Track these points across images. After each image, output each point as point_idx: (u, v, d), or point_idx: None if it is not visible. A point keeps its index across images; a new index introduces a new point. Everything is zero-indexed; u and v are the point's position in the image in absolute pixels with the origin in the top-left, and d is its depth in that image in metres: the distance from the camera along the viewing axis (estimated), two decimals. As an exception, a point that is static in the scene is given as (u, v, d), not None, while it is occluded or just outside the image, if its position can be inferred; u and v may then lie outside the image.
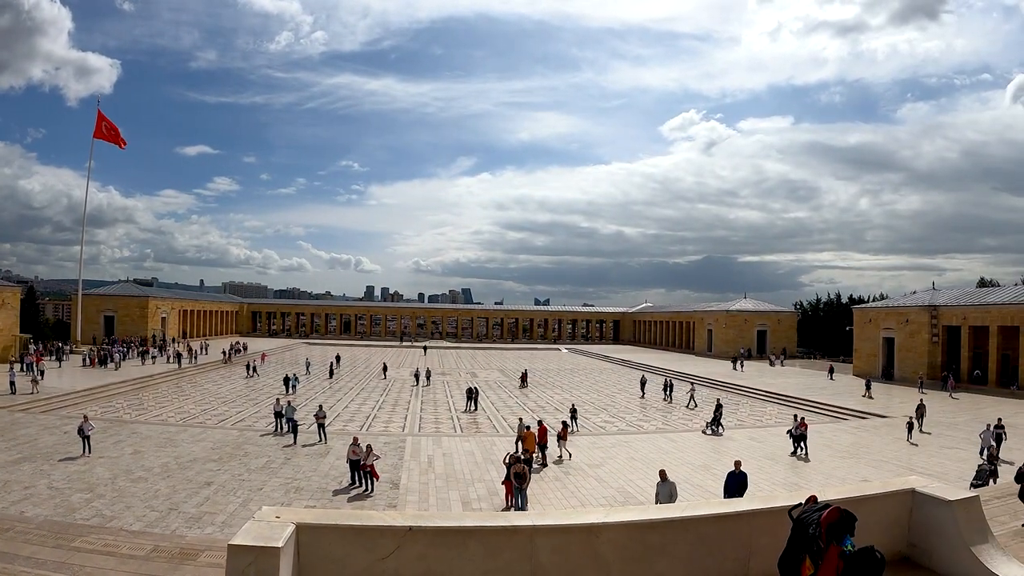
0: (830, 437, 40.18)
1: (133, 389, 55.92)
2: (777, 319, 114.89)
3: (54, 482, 26.10)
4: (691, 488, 27.63)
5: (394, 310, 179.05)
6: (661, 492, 21.85)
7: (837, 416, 49.01)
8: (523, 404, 54.63)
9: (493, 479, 28.89)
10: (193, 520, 22.22)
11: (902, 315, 74.73)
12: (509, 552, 7.83)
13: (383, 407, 51.37)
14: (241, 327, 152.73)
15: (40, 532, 16.71)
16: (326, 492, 26.79)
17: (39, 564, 13.47)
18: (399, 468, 30.77)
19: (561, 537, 8.06)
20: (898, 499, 9.47)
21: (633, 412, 51.31)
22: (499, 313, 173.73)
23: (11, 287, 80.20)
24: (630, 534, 8.15)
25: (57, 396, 47.67)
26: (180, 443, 34.31)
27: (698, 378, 73.14)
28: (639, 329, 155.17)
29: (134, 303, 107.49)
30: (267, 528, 7.17)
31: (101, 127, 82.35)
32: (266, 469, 29.87)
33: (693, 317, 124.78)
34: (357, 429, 39.60)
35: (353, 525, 7.92)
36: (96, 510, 22.82)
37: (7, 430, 35.62)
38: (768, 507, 8.68)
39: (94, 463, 29.51)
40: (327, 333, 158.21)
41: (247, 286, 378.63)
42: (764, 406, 54.78)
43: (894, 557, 8.75)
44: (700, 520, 8.53)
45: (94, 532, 17.30)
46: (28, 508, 22.45)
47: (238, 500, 24.76)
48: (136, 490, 25.49)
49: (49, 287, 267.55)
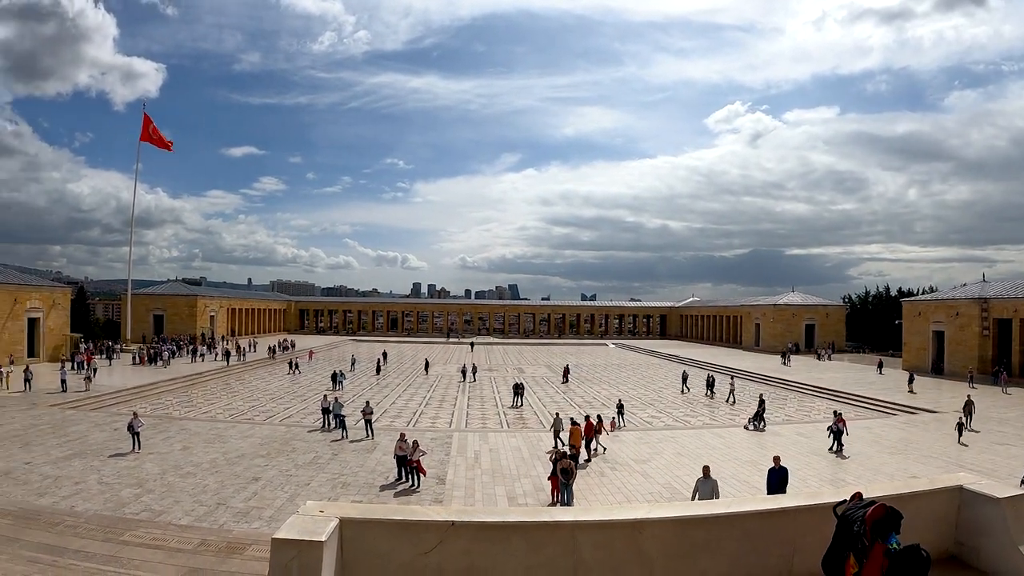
0: (878, 433, 39.42)
1: (182, 386, 56.65)
2: (825, 313, 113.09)
3: (104, 477, 26.40)
4: (738, 484, 27.35)
5: (441, 307, 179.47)
6: (702, 489, 21.34)
7: (886, 411, 48.03)
8: (570, 400, 54.29)
9: (539, 475, 28.70)
10: (241, 515, 22.34)
11: (951, 308, 73.15)
12: (552, 547, 7.81)
13: (430, 403, 51.43)
14: (289, 325, 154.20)
15: (89, 526, 16.94)
16: (373, 487, 26.78)
17: (88, 557, 13.66)
18: (445, 464, 30.77)
19: (604, 533, 8.04)
20: (946, 496, 9.29)
21: (680, 407, 50.79)
22: (546, 308, 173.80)
23: (62, 288, 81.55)
24: (673, 530, 8.08)
25: (107, 394, 48.37)
26: (228, 439, 34.66)
27: (749, 373, 72.70)
28: (686, 324, 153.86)
29: (183, 302, 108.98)
30: (311, 522, 7.19)
31: (148, 131, 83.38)
32: (313, 464, 30.00)
33: (740, 311, 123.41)
34: (404, 425, 39.76)
35: (396, 520, 7.94)
36: (145, 505, 23.00)
37: (59, 427, 36.18)
38: (813, 504, 8.59)
39: (144, 459, 29.87)
40: (374, 330, 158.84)
41: (295, 284, 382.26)
42: (812, 401, 53.88)
43: (940, 555, 8.59)
44: (744, 516, 8.46)
45: (143, 526, 17.51)
46: (79, 503, 22.67)
47: (285, 495, 24.84)
48: (185, 485, 25.72)
49: (99, 287, 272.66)
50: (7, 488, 24.21)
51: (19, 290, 68.64)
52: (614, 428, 39.46)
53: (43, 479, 25.74)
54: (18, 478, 25.72)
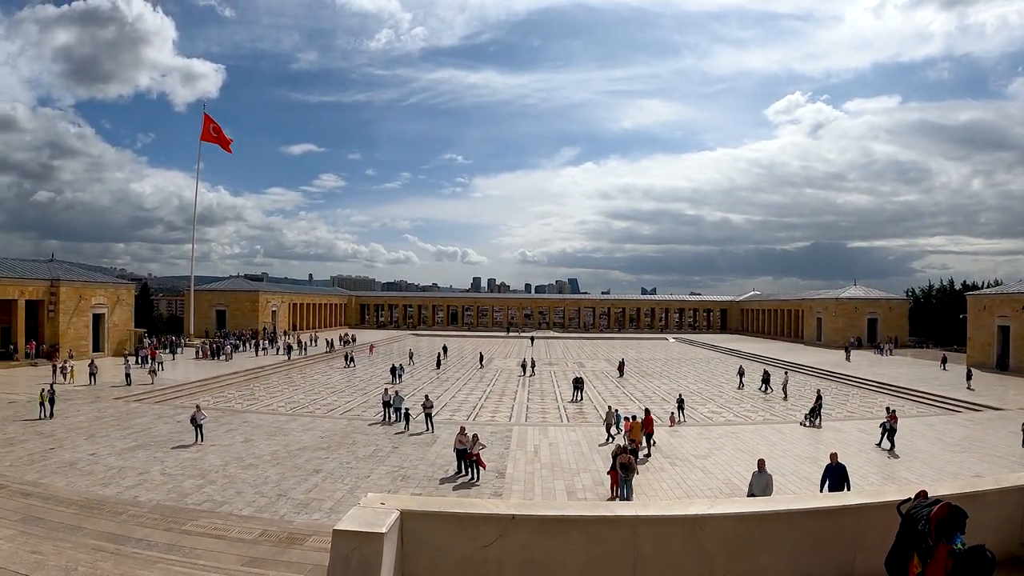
0: (941, 430, 38.18)
1: (244, 380, 57.34)
2: (888, 307, 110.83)
3: (167, 468, 26.70)
4: (798, 480, 26.83)
5: (500, 301, 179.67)
6: (756, 484, 20.87)
7: (949, 408, 46.49)
8: (630, 395, 53.80)
9: (599, 469, 28.46)
10: (301, 506, 22.39)
11: (1017, 302, 70.88)
12: (611, 542, 7.68)
13: (490, 397, 51.42)
14: (350, 319, 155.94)
15: (152, 516, 17.02)
16: (432, 480, 26.71)
17: (150, 546, 13.69)
18: (505, 457, 30.57)
19: (664, 528, 7.93)
20: (1012, 496, 8.91)
21: (740, 402, 49.95)
22: (605, 303, 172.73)
23: (126, 284, 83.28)
24: (734, 527, 7.91)
25: (171, 387, 49.10)
26: (290, 432, 34.86)
27: (811, 368, 71.48)
28: (747, 318, 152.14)
29: (245, 297, 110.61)
30: (372, 514, 7.13)
31: (208, 130, 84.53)
32: (373, 457, 30.01)
33: (802, 305, 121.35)
34: (464, 419, 39.60)
35: (457, 513, 7.84)
36: (207, 495, 23.15)
37: (123, 419, 36.73)
38: (877, 502, 8.32)
39: (206, 451, 30.18)
40: (434, 325, 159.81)
41: (355, 279, 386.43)
42: (875, 397, 52.56)
43: (1005, 557, 8.20)
44: (806, 514, 8.28)
45: (204, 516, 17.55)
46: (141, 493, 22.88)
47: (345, 487, 24.84)
48: (246, 477, 25.90)
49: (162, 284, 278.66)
50: (72, 478, 24.56)
51: (84, 287, 70.17)
52: (674, 423, 39.02)
53: (107, 470, 26.08)
54: (83, 468, 26.08)
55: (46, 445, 29.92)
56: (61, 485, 22.69)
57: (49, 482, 22.98)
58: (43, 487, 20.66)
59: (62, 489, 21.19)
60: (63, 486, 22.47)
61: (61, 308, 65.76)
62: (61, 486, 22.32)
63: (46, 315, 65.40)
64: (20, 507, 15.83)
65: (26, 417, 36.31)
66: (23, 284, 62.53)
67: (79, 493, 20.97)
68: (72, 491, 21.24)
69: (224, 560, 12.59)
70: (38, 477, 23.99)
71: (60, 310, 65.68)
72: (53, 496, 18.47)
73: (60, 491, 20.25)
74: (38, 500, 17.20)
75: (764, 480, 20.76)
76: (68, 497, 18.73)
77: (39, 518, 14.77)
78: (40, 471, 25.28)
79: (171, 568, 10.96)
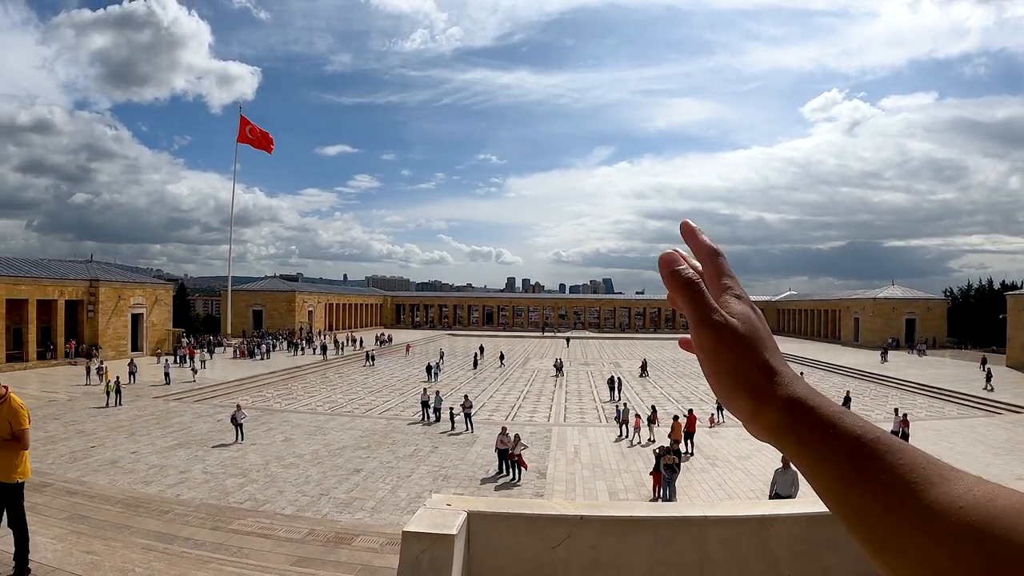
0: (983, 432, 37.48)
1: (282, 379, 57.36)
2: (927, 307, 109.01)
3: (208, 467, 26.79)
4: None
5: (535, 301, 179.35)
6: (780, 481, 20.44)
7: (991, 410, 45.69)
8: (667, 394, 53.27)
9: (639, 470, 28.25)
10: (343, 505, 22.34)
11: (1057, 302, 69.80)
12: (679, 543, 7.37)
13: (527, 397, 51.10)
14: (385, 319, 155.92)
15: (198, 514, 16.93)
16: (474, 480, 26.59)
17: (198, 545, 13.57)
18: (545, 458, 30.32)
19: (732, 529, 7.57)
20: None
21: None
22: (641, 303, 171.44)
23: (164, 284, 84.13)
24: (800, 527, 7.56)
25: (209, 386, 49.23)
26: (329, 431, 34.84)
27: (847, 368, 70.56)
28: (783, 318, 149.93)
29: (281, 297, 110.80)
30: (440, 515, 6.91)
31: (244, 131, 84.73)
32: (414, 457, 29.88)
33: (839, 305, 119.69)
34: (502, 419, 39.25)
35: (524, 513, 7.61)
36: (249, 494, 23.18)
37: (163, 418, 36.90)
38: None
39: (247, 449, 30.25)
40: (469, 324, 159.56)
41: (390, 279, 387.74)
42: (913, 398, 51.84)
43: None
44: None
45: (250, 515, 17.46)
46: (184, 491, 22.96)
47: (387, 487, 24.75)
48: (288, 475, 25.91)
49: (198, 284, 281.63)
50: (115, 476, 24.69)
51: (123, 287, 70.83)
52: (714, 424, 38.70)
53: (149, 468, 26.22)
54: (125, 467, 26.23)
55: (87, 443, 30.12)
56: (104, 483, 22.70)
57: (92, 480, 23.00)
58: (87, 485, 20.64)
59: (106, 488, 21.17)
60: (106, 484, 22.48)
61: (100, 308, 66.39)
62: (104, 484, 22.32)
63: (85, 315, 66.01)
64: (66, 505, 15.77)
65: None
66: (63, 284, 63.14)
67: (123, 491, 20.95)
68: (115, 489, 21.22)
69: (273, 560, 12.45)
70: (80, 475, 24.08)
71: (99, 310, 66.31)
72: (98, 494, 18.42)
73: (104, 489, 20.22)
74: (83, 498, 17.14)
75: (789, 478, 20.20)
76: (112, 496, 18.68)
77: (86, 516, 14.69)
78: (82, 469, 25.46)
79: (223, 568, 10.82)
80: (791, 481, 20.10)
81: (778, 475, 20.79)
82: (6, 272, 57.52)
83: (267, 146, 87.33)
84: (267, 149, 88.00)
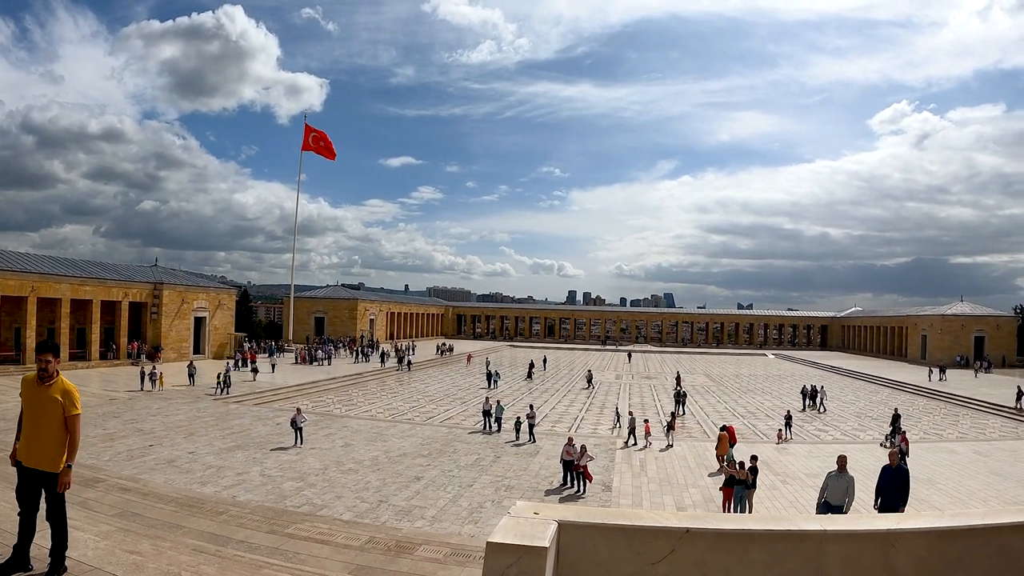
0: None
1: (342, 386, 57.30)
2: (996, 324, 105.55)
3: (266, 470, 26.50)
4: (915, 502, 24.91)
5: (596, 314, 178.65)
6: (833, 486, 18.69)
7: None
8: (732, 409, 51.88)
9: (707, 484, 27.59)
10: (403, 513, 21.77)
11: None
12: (794, 560, 6.49)
13: (591, 409, 50.22)
14: (446, 329, 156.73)
15: (254, 517, 16.17)
16: (537, 491, 25.84)
17: (252, 548, 12.76)
18: (610, 470, 29.62)
19: (853, 545, 6.72)
20: None
21: (848, 420, 47.78)
22: (703, 317, 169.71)
23: (227, 289, 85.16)
24: (927, 543, 6.67)
25: (269, 390, 49.31)
26: (389, 438, 34.45)
27: (906, 385, 69.13)
28: (848, 335, 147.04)
29: (344, 305, 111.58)
30: (528, 525, 6.05)
31: (308, 139, 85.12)
32: (475, 466, 29.22)
33: (906, 322, 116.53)
34: (565, 430, 38.60)
35: (621, 525, 6.67)
36: (307, 498, 22.80)
37: (222, 420, 36.84)
38: None
39: (305, 454, 29.90)
40: (530, 336, 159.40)
41: (451, 290, 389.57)
42: (985, 418, 50.01)
43: None
44: (1003, 529, 6.93)
45: (307, 520, 16.68)
46: (240, 493, 22.65)
47: (448, 495, 24.09)
48: (346, 481, 25.46)
49: (260, 291, 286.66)
50: (171, 475, 24.49)
51: (187, 290, 71.90)
52: (782, 440, 37.92)
53: (206, 468, 26.03)
54: (181, 466, 26.05)
55: (145, 442, 30.10)
56: (159, 482, 22.30)
57: (148, 478, 22.65)
58: (142, 483, 20.18)
59: (160, 486, 20.71)
60: (161, 483, 22.07)
61: (164, 310, 67.33)
62: (159, 483, 21.90)
63: (149, 317, 66.96)
64: (118, 502, 15.21)
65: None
66: (127, 286, 63.98)
67: (177, 491, 20.47)
68: (170, 488, 20.76)
69: (330, 567, 11.65)
70: (136, 473, 23.90)
71: (163, 312, 67.25)
72: (152, 492, 17.88)
73: (158, 488, 19.72)
74: (136, 496, 16.59)
75: (844, 483, 18.59)
76: (167, 494, 18.14)
77: (137, 514, 14.07)
78: (139, 467, 25.32)
79: (277, 575, 10.01)
80: (845, 487, 18.58)
81: (830, 479, 19.07)
82: (71, 273, 58.33)
83: (330, 152, 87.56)
84: (330, 155, 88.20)
